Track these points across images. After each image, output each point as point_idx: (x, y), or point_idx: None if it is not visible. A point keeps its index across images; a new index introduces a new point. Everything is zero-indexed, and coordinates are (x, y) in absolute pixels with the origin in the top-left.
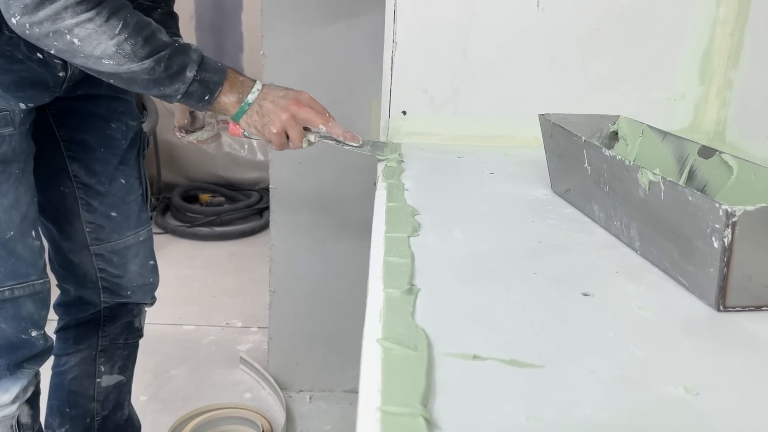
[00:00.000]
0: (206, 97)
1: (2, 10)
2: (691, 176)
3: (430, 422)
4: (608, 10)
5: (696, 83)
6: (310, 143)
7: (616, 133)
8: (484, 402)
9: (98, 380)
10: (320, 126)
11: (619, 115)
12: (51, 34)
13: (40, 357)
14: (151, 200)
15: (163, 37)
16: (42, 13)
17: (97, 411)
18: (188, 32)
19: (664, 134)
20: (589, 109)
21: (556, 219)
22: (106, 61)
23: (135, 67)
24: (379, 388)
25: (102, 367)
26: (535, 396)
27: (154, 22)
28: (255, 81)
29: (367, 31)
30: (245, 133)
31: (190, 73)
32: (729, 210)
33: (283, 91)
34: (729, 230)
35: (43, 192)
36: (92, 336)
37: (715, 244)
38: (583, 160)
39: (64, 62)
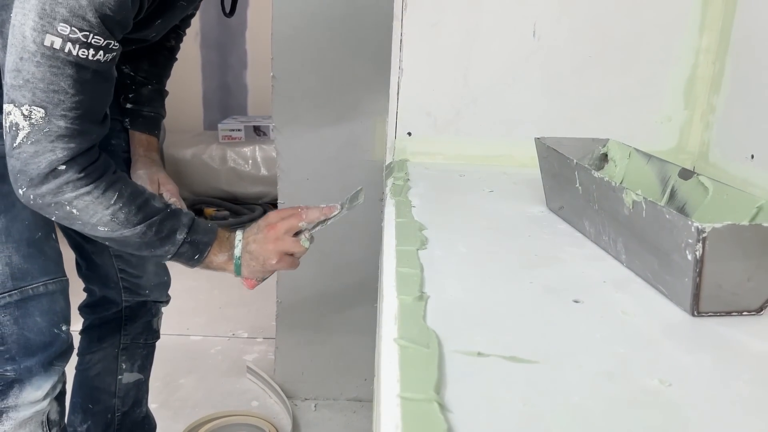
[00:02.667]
0: (196, 257)
1: (12, 182)
2: (672, 195)
3: (443, 406)
4: (600, 39)
5: (681, 107)
6: (310, 240)
7: (606, 155)
8: (487, 391)
9: (119, 377)
10: (300, 224)
11: (608, 139)
12: (53, 205)
13: (66, 354)
14: None
15: (156, 204)
16: (45, 188)
17: (117, 407)
18: (193, 49)
19: (649, 157)
20: (582, 130)
21: (550, 234)
22: (101, 228)
23: (127, 232)
24: (397, 379)
25: (123, 364)
26: (532, 387)
27: (147, 191)
28: (236, 232)
29: (372, 54)
30: (257, 279)
31: (180, 236)
32: (699, 227)
33: (255, 226)
34: (700, 245)
35: None
36: (115, 334)
37: (689, 257)
38: (574, 181)
39: None
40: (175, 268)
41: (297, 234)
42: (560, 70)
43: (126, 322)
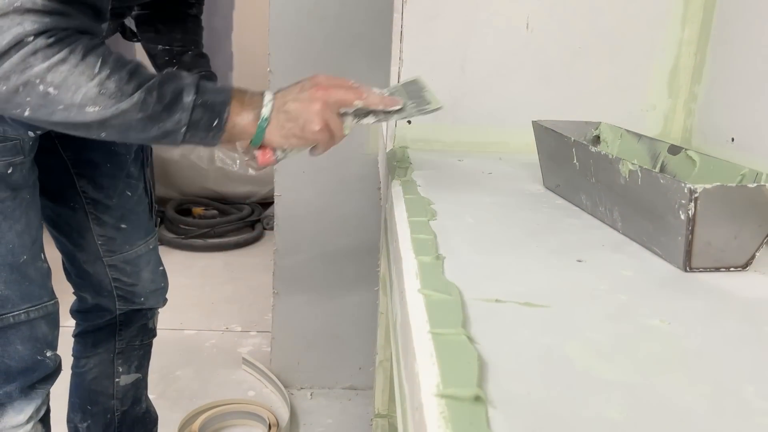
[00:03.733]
0: (215, 123)
1: None
2: (662, 169)
3: (470, 339)
4: (589, 32)
5: (665, 96)
6: (350, 129)
7: (598, 137)
8: (507, 328)
9: (117, 380)
10: (355, 102)
11: (600, 122)
12: (21, 89)
13: (51, 378)
14: (155, 207)
15: (149, 70)
16: (7, 64)
17: (116, 407)
18: None
19: (640, 136)
20: (572, 118)
21: (549, 208)
22: (90, 108)
23: (124, 104)
24: (426, 319)
25: (120, 368)
26: (547, 325)
27: (135, 58)
28: (263, 92)
29: (367, 50)
30: (278, 154)
31: (188, 98)
32: (692, 188)
33: (297, 86)
34: (692, 204)
35: (54, 208)
36: (109, 340)
37: (682, 217)
38: (572, 158)
39: None
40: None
41: (342, 115)
42: (552, 62)
43: (121, 327)
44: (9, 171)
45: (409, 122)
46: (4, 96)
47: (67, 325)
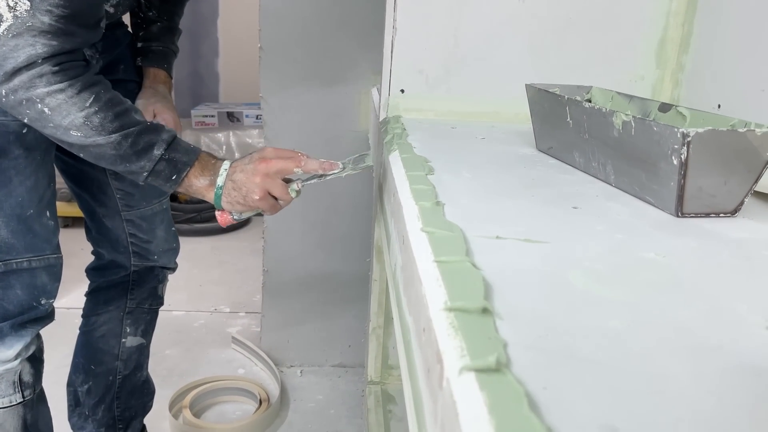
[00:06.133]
0: (173, 177)
1: None
2: None
3: (475, 266)
4: (579, 3)
5: (653, 67)
6: (297, 192)
7: (590, 101)
8: (508, 258)
9: (123, 340)
10: (295, 170)
11: (592, 86)
12: (24, 102)
13: (42, 320)
14: None
15: (138, 116)
16: (17, 80)
17: (119, 370)
18: None
19: (631, 97)
20: None
21: (543, 166)
22: (73, 132)
23: (101, 140)
24: (430, 250)
25: (128, 328)
26: (546, 257)
27: (130, 102)
28: (224, 161)
29: (357, 27)
30: (234, 216)
31: (157, 151)
32: (685, 132)
33: (248, 157)
34: (685, 148)
35: (75, 165)
36: (122, 298)
37: (675, 162)
38: (565, 116)
39: (86, 62)
40: None
41: (288, 181)
42: (543, 31)
43: (133, 286)
44: (24, 131)
45: (402, 91)
46: (10, 104)
47: (76, 307)
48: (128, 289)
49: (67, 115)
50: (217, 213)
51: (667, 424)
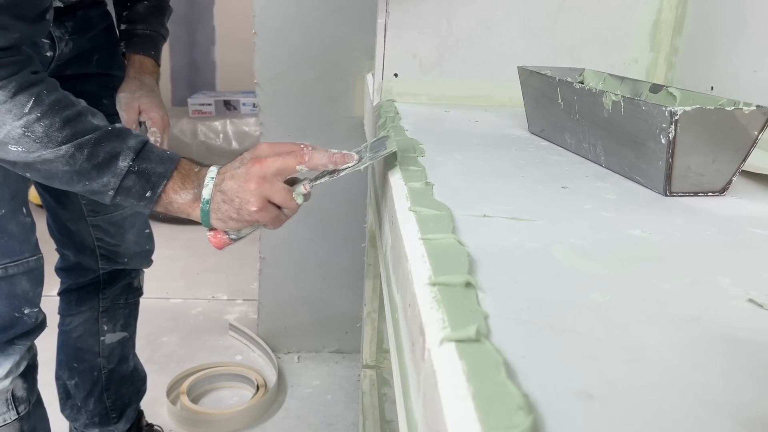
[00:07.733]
0: (147, 194)
1: None
2: None
3: (461, 243)
4: None
5: (647, 50)
6: (305, 196)
7: (582, 83)
8: (494, 235)
9: (102, 338)
10: (299, 167)
11: (584, 68)
12: None
13: (31, 333)
14: None
15: (95, 120)
16: None
17: (102, 365)
18: None
19: (622, 79)
20: None
21: (534, 148)
22: (12, 147)
23: (48, 154)
24: (417, 228)
25: (105, 326)
26: (532, 234)
27: (84, 102)
28: (210, 167)
29: (352, 12)
30: (230, 235)
31: (123, 163)
32: (672, 110)
33: (238, 160)
34: (673, 127)
35: None
36: (93, 298)
37: (663, 141)
38: (557, 98)
39: (52, 42)
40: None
41: (292, 183)
42: (536, 14)
43: (104, 286)
44: None
45: (396, 75)
46: None
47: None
48: (99, 289)
49: (2, 124)
50: (208, 234)
51: (641, 389)
